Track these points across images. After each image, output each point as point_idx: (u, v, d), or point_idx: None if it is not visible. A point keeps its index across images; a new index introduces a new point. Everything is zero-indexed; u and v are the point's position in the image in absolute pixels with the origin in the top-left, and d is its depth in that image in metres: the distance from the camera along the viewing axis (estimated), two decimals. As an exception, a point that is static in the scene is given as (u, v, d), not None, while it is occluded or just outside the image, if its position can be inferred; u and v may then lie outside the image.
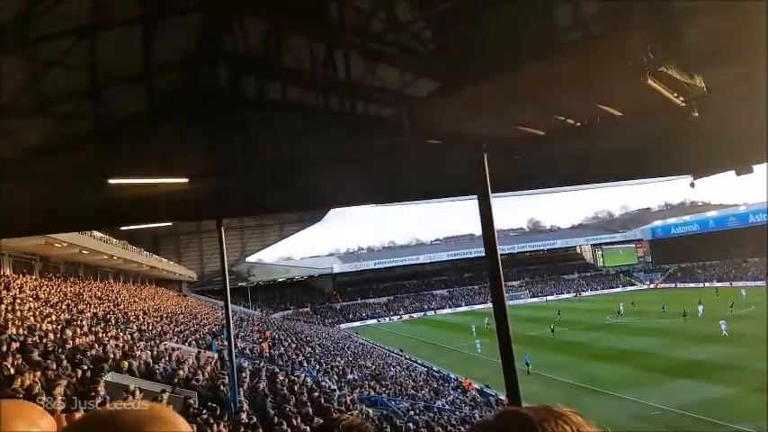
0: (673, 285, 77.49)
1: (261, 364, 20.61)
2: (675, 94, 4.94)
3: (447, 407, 23.01)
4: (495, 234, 6.28)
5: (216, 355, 20.03)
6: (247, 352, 25.18)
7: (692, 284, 73.64)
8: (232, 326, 12.64)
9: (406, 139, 6.34)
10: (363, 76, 7.28)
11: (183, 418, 0.78)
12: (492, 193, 6.32)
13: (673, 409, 21.37)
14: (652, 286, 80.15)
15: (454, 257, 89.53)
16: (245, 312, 53.27)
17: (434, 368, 34.92)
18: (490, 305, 7.30)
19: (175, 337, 22.52)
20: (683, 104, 5.10)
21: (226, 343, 13.37)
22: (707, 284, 69.81)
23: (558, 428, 0.56)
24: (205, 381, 13.93)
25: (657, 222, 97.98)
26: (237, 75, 7.89)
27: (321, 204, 11.53)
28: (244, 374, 16.19)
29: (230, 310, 12.36)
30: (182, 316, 33.60)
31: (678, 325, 40.80)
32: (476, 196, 6.43)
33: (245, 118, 7.60)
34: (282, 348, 30.27)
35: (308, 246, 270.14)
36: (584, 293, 79.24)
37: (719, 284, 66.26)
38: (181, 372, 13.54)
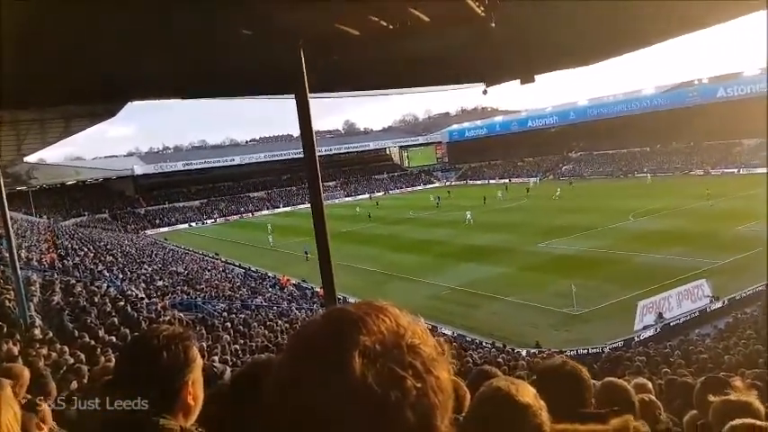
0: (464, 182, 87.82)
1: (54, 276, 18.55)
2: (477, 3, 5.34)
3: (264, 303, 23.74)
4: (314, 135, 6.32)
5: (-4, 269, 17.47)
6: (35, 264, 22.35)
7: (479, 182, 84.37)
8: (13, 235, 10.98)
9: (217, 25, 5.84)
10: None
11: None
12: (310, 93, 6.25)
13: (459, 288, 25.25)
14: (448, 183, 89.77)
15: (271, 158, 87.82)
16: (29, 220, 46.19)
17: (252, 269, 35.25)
18: (308, 205, 7.52)
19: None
20: (483, 14, 5.54)
21: (6, 254, 11.67)
22: (491, 181, 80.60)
23: (378, 320, 0.64)
24: (-16, 298, 12.29)
25: (454, 126, 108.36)
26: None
27: (119, 97, 10.21)
28: (33, 288, 14.54)
29: (9, 218, 10.67)
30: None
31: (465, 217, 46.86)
32: (293, 96, 6.32)
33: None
34: (78, 258, 27.43)
35: (101, 143, 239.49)
36: (391, 192, 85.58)
37: (502, 181, 76.92)
38: (-52, 291, 11.60)
